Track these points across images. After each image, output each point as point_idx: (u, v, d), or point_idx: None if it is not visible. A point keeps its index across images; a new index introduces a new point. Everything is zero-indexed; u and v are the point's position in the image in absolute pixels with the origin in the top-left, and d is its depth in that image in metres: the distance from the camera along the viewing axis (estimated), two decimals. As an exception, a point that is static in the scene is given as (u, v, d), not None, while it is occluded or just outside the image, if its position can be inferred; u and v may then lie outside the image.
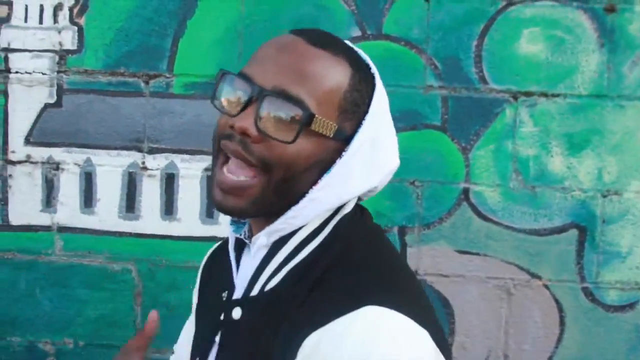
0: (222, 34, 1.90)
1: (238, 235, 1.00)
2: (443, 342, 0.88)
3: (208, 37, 1.90)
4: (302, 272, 0.90)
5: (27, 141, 1.95)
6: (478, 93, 1.87)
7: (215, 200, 0.91)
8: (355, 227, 0.94)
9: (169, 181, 1.92)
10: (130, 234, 1.93)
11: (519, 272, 1.88)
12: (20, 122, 1.95)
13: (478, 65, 1.87)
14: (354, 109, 0.91)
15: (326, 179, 0.90)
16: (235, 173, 0.89)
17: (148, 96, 1.91)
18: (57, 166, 1.95)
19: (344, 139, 0.91)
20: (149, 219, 1.93)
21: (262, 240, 0.93)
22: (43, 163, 1.95)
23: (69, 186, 1.94)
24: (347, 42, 0.97)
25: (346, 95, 0.90)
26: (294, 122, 0.86)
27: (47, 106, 1.94)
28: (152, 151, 1.92)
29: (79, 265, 1.95)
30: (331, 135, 0.89)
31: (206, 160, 1.91)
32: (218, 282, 1.03)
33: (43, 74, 1.94)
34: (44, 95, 1.94)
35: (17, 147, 1.96)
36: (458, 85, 1.87)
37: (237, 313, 0.93)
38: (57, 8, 1.93)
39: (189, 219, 1.92)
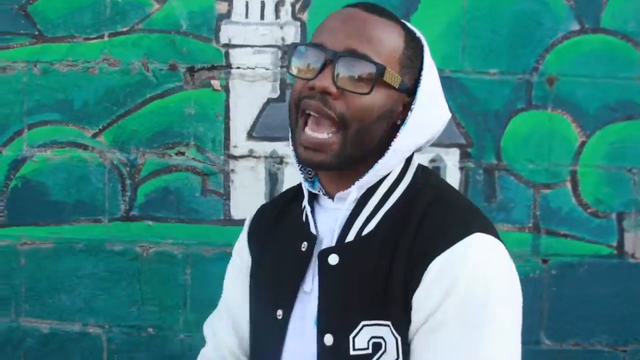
0: (445, 29, 1.95)
1: (316, 191, 1.12)
2: None
3: (432, 32, 1.94)
4: (399, 214, 1.05)
5: (250, 136, 1.98)
6: (691, 83, 1.96)
7: (301, 157, 1.03)
8: (430, 174, 1.13)
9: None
10: (355, 226, 1.96)
11: None
12: (242, 116, 1.97)
13: (690, 57, 1.96)
14: (410, 64, 1.05)
15: (404, 131, 1.04)
16: (317, 131, 1.01)
17: (373, 90, 1.95)
18: (280, 160, 1.98)
19: (406, 91, 1.05)
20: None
21: (353, 194, 1.06)
22: (266, 157, 1.98)
23: (292, 180, 1.96)
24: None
25: (404, 52, 1.04)
26: (368, 77, 0.99)
27: (269, 101, 1.97)
28: (377, 144, 1.95)
29: (303, 257, 1.97)
30: (397, 87, 1.03)
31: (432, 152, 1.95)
32: (288, 238, 1.13)
33: (266, 69, 1.97)
34: (266, 90, 1.97)
35: (240, 142, 1.98)
36: (672, 76, 1.96)
37: (333, 259, 1.04)
38: (279, 4, 1.96)
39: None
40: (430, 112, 1.08)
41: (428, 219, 1.02)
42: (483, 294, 0.96)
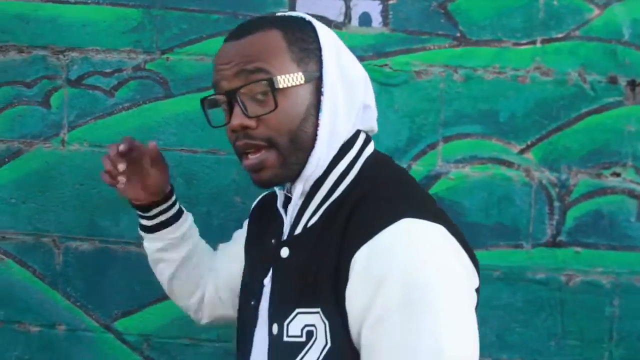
0: None
1: (284, 192, 1.16)
2: (465, 243, 1.05)
3: None
4: (337, 207, 1.05)
5: (692, 158, 1.83)
6: None
7: (255, 181, 1.08)
8: (378, 163, 1.11)
9: None
10: None
11: None
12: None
13: None
14: (306, 52, 1.06)
15: (323, 117, 1.05)
16: (253, 154, 1.05)
17: None
18: None
19: (318, 78, 1.06)
20: None
21: (299, 188, 1.08)
22: None
23: None
24: (277, 14, 1.14)
25: (291, 48, 1.05)
26: (268, 92, 1.02)
27: None
28: None
29: None
30: (303, 82, 1.03)
31: None
32: (269, 233, 1.17)
33: None
34: None
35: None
36: None
37: (285, 252, 1.08)
38: None
39: None
40: (344, 87, 1.08)
41: (358, 210, 1.01)
42: (419, 280, 0.92)
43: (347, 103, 1.08)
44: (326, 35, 1.10)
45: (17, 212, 1.91)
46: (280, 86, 1.01)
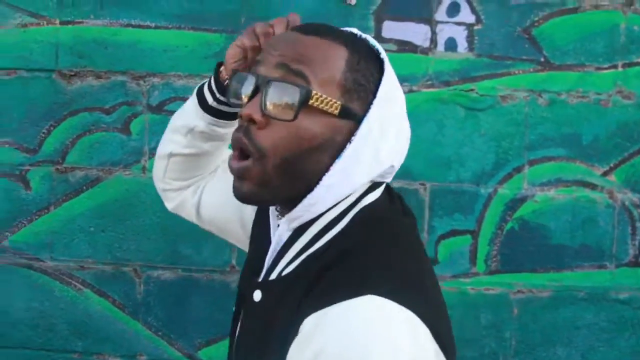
0: None
1: (277, 214, 1.04)
2: (447, 339, 0.90)
3: None
4: (313, 260, 0.93)
5: None
6: None
7: (234, 189, 0.95)
8: (376, 218, 0.95)
9: None
10: None
11: None
12: None
13: None
14: (359, 88, 0.92)
15: (339, 164, 0.92)
16: (240, 159, 0.93)
17: None
18: None
19: (355, 120, 0.92)
20: None
21: (283, 226, 0.98)
22: None
23: None
24: (353, 30, 0.99)
25: (346, 74, 0.91)
26: (295, 101, 0.88)
27: None
28: None
29: None
30: (337, 113, 0.90)
31: None
32: (262, 245, 1.05)
33: None
34: None
35: None
36: None
37: (257, 295, 0.97)
38: None
39: None
40: (372, 148, 0.93)
41: (327, 272, 0.89)
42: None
43: (371, 160, 0.94)
44: (389, 84, 0.96)
45: (96, 241, 1.87)
46: (311, 102, 0.88)
